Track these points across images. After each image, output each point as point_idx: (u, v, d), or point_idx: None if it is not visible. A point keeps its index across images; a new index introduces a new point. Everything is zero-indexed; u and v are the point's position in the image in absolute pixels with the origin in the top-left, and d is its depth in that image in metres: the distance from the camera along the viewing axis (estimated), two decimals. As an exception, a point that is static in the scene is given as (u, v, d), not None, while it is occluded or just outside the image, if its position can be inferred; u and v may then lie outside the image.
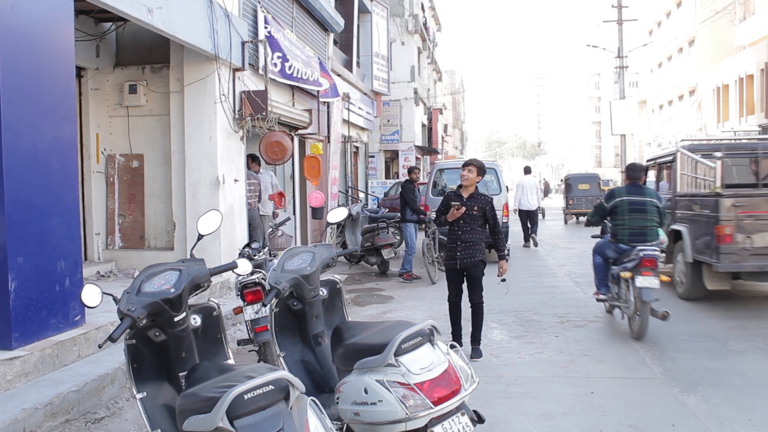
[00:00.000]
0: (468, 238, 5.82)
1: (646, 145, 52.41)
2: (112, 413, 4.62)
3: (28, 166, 4.91)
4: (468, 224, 5.82)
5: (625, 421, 4.28)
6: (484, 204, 5.84)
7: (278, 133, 9.63)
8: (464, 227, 5.83)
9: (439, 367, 2.99)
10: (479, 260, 5.84)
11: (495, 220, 5.89)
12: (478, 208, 5.81)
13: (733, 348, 6.01)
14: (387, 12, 22.21)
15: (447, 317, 7.00)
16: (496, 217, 5.94)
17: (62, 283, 5.23)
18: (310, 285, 3.67)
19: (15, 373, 4.50)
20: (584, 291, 9.09)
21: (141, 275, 3.00)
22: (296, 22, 11.95)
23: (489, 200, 5.89)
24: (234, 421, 2.24)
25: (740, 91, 32.10)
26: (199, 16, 7.75)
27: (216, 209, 3.67)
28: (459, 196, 5.87)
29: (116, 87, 8.90)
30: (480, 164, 5.97)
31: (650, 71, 49.28)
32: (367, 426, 2.99)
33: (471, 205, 5.82)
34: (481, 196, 5.91)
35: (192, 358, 3.08)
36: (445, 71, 52.00)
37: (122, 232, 8.99)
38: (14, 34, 4.77)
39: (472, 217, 5.81)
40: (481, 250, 5.87)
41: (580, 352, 5.99)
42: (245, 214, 9.36)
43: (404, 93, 27.01)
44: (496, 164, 13.11)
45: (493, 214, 5.86)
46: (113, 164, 8.96)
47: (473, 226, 5.82)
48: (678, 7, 41.69)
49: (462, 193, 5.90)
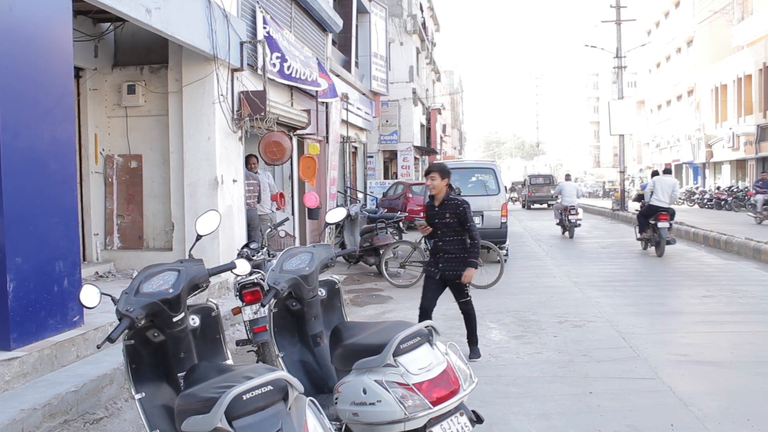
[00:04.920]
0: (449, 249, 5.60)
1: (645, 145, 52.49)
2: (110, 414, 4.61)
3: (27, 166, 4.91)
4: (445, 234, 5.61)
5: (624, 421, 4.28)
6: (455, 209, 5.55)
7: (277, 134, 9.63)
8: (443, 237, 5.62)
9: (438, 368, 2.99)
10: (461, 274, 5.58)
11: (470, 223, 5.56)
12: (450, 215, 5.56)
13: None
14: (385, 12, 22.22)
15: (445, 317, 7.02)
16: (472, 220, 5.59)
17: (61, 284, 5.23)
18: (308, 285, 3.67)
19: (13, 374, 4.49)
20: (583, 291, 9.09)
21: (139, 276, 3.00)
22: (295, 23, 11.95)
23: (461, 204, 5.58)
24: (233, 421, 2.24)
25: (738, 91, 32.15)
26: (198, 17, 7.74)
27: (214, 209, 3.67)
28: (431, 206, 5.69)
29: (115, 87, 8.89)
30: (441, 168, 5.64)
31: (649, 71, 49.36)
32: (366, 426, 2.99)
33: (443, 213, 5.59)
34: (453, 201, 5.60)
35: (191, 358, 3.07)
36: (443, 71, 52.06)
37: (121, 233, 8.99)
38: (12, 34, 4.76)
39: (447, 225, 5.59)
40: (462, 261, 5.59)
41: (578, 352, 5.99)
42: (244, 214, 9.36)
43: (403, 93, 27.04)
44: (495, 164, 13.11)
45: (467, 217, 5.54)
46: (112, 165, 8.95)
47: (451, 236, 5.59)
48: (676, 8, 41.75)
49: (434, 203, 5.68)
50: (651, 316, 7.45)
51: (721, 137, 33.76)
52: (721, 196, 27.81)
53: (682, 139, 40.75)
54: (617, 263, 12.32)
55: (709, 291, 8.89)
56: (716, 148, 34.96)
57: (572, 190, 17.59)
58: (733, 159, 33.11)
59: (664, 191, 12.84)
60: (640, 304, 8.13)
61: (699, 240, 15.28)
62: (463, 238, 5.61)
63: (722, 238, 13.88)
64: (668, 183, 13.04)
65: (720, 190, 29.36)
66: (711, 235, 14.60)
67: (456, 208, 5.55)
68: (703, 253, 13.34)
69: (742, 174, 32.73)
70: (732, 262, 11.80)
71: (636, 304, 8.17)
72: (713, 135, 35.33)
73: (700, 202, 30.11)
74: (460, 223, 5.56)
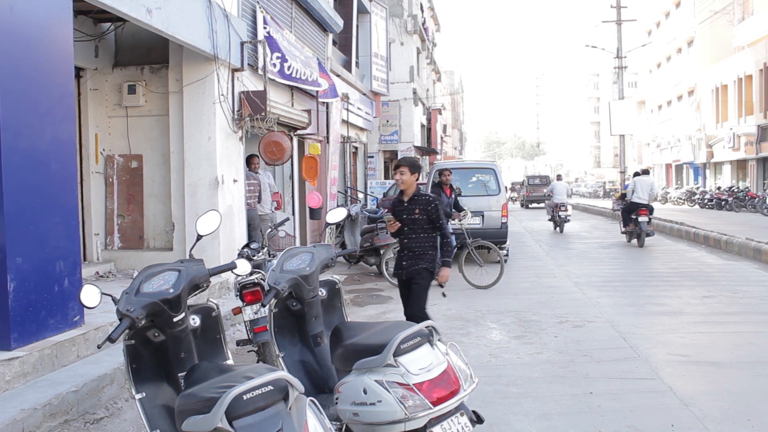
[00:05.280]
0: (414, 246, 5.30)
1: (645, 145, 52.47)
2: (111, 414, 4.62)
3: (27, 166, 4.91)
4: (412, 230, 5.30)
5: (624, 422, 4.28)
6: (426, 205, 5.24)
7: (277, 134, 9.63)
8: (409, 234, 5.31)
9: (438, 368, 2.99)
10: (423, 268, 5.26)
11: (440, 221, 5.27)
12: (419, 211, 5.24)
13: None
14: (386, 12, 22.20)
15: (446, 317, 7.02)
16: (440, 217, 5.26)
17: (61, 284, 5.23)
18: (309, 285, 3.67)
19: (14, 374, 4.49)
20: (583, 291, 9.09)
21: (140, 276, 3.00)
22: (295, 23, 11.94)
23: (431, 200, 5.28)
24: (233, 421, 2.24)
25: (739, 91, 32.15)
26: (198, 17, 7.74)
27: (215, 209, 3.67)
28: (399, 201, 5.41)
29: (115, 87, 8.89)
30: (410, 162, 5.31)
31: (649, 71, 49.35)
32: (366, 426, 2.99)
33: (412, 209, 5.28)
34: (423, 197, 5.32)
35: (191, 358, 3.08)
36: (444, 71, 52.04)
37: (121, 233, 8.99)
38: (13, 34, 4.77)
39: (415, 222, 5.28)
40: (428, 258, 5.28)
41: (579, 352, 5.99)
42: (244, 214, 9.36)
43: (403, 93, 27.02)
44: (495, 164, 13.12)
45: (437, 215, 5.23)
46: (112, 164, 8.95)
47: (418, 233, 5.28)
48: (677, 8, 41.75)
49: (403, 198, 5.39)
50: (651, 316, 7.45)
51: (721, 137, 33.76)
52: (721, 197, 27.83)
53: (682, 140, 40.75)
54: (618, 263, 12.32)
55: (710, 291, 8.89)
56: (717, 149, 34.96)
57: (562, 189, 19.06)
58: (734, 159, 33.11)
59: (643, 189, 14.52)
60: (641, 305, 8.12)
61: (699, 240, 15.27)
62: (432, 236, 5.33)
63: (723, 239, 13.87)
64: (646, 182, 14.76)
65: (721, 191, 29.37)
66: (711, 236, 14.60)
67: (427, 204, 5.25)
68: (703, 254, 13.34)
69: (743, 174, 32.73)
70: (733, 263, 11.80)
71: (636, 304, 8.17)
72: (714, 135, 35.33)
73: (701, 203, 30.12)
74: (429, 221, 5.26)
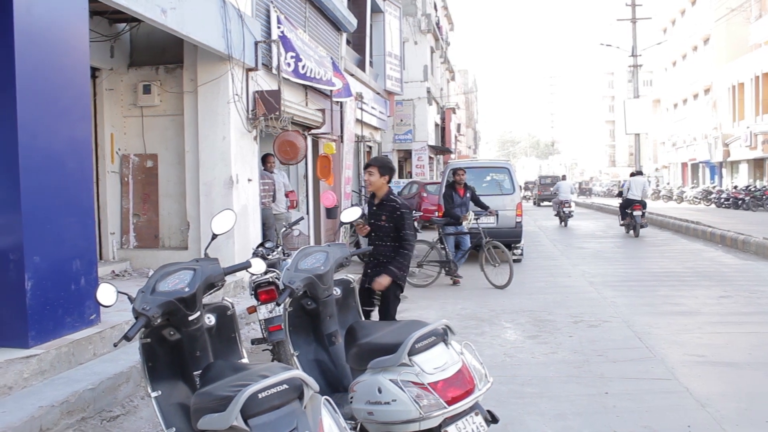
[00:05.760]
0: (379, 253, 4.89)
1: (660, 144, 52.04)
2: (127, 411, 4.65)
3: (44, 166, 4.95)
4: (379, 237, 4.91)
5: (640, 422, 4.25)
6: (392, 212, 4.81)
7: (291, 133, 9.64)
8: (375, 240, 4.94)
9: (453, 367, 2.98)
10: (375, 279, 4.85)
11: (405, 231, 4.79)
12: (386, 218, 4.83)
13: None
14: (399, 11, 22.19)
15: (461, 317, 7.00)
16: (405, 227, 4.79)
17: (78, 282, 5.27)
18: (323, 284, 3.68)
19: (32, 371, 4.54)
20: (598, 291, 9.04)
21: (155, 274, 3.01)
22: (309, 22, 11.97)
23: (398, 207, 4.81)
24: (248, 420, 2.25)
25: (756, 89, 31.78)
26: (213, 17, 7.77)
27: (230, 209, 3.68)
28: (371, 203, 5.05)
29: (130, 87, 8.95)
30: (380, 163, 4.91)
31: (664, 70, 48.92)
32: (381, 425, 2.99)
33: (379, 214, 4.88)
34: (391, 202, 4.85)
35: (206, 357, 3.09)
36: (458, 71, 51.96)
37: (137, 232, 9.05)
38: (30, 35, 4.81)
39: (380, 228, 4.88)
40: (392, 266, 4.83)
41: (594, 352, 5.95)
42: (259, 213, 9.39)
43: (417, 92, 27.02)
44: (510, 164, 13.09)
45: (403, 224, 4.78)
46: (128, 164, 9.02)
47: (384, 240, 4.88)
48: (693, 5, 41.36)
49: (374, 200, 5.01)
50: (667, 316, 7.39)
51: (738, 136, 33.41)
52: (738, 196, 27.54)
53: (698, 138, 40.37)
54: (633, 263, 12.24)
55: (727, 291, 8.81)
56: (733, 147, 34.60)
57: (567, 188, 21.57)
58: (751, 158, 32.75)
59: (637, 188, 16.86)
60: (657, 304, 8.06)
61: (716, 240, 15.13)
62: (393, 244, 4.89)
63: (740, 238, 13.73)
64: (639, 182, 17.10)
65: (737, 190, 29.07)
66: (728, 235, 14.46)
67: (393, 212, 4.81)
68: (720, 253, 13.21)
69: (760, 173, 32.38)
70: (750, 263, 11.67)
71: (652, 304, 8.11)
72: (730, 134, 34.96)
73: (717, 202, 29.83)
74: (395, 228, 4.83)
